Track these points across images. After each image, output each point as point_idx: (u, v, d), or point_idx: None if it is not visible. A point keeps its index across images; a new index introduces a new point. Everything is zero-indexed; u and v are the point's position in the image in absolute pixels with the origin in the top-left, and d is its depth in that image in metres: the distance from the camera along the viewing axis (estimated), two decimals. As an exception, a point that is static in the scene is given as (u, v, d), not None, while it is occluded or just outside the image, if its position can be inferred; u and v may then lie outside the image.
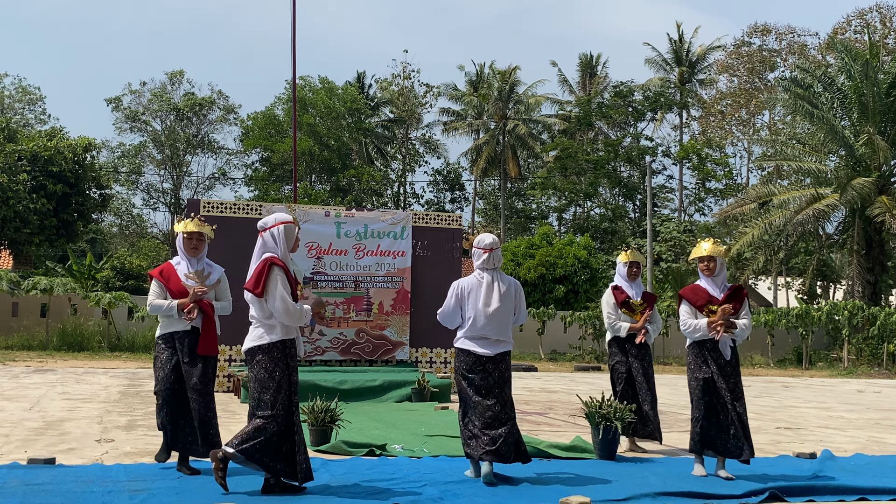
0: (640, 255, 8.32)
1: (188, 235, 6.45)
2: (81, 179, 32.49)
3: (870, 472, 6.91)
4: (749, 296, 40.16)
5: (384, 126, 52.35)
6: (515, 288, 6.50)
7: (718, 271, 6.76)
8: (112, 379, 15.30)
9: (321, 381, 11.35)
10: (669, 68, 51.82)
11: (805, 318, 27.13)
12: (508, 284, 6.46)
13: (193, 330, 6.26)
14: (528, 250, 33.32)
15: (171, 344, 6.28)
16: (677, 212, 48.91)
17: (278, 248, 5.81)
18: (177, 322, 6.26)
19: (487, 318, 6.28)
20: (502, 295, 6.37)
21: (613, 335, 8.02)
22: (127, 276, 37.66)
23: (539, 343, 28.29)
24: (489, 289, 6.36)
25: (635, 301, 7.97)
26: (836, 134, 30.70)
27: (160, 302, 6.31)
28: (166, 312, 6.26)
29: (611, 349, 8.09)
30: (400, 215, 13.51)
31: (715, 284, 6.72)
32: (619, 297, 7.98)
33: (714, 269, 6.73)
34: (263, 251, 5.79)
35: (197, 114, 49.51)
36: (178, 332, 6.26)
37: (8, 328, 25.80)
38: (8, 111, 47.43)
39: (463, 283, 6.41)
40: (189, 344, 6.22)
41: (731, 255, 33.66)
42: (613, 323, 7.99)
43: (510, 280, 6.52)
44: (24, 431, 8.34)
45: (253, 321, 5.68)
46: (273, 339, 5.59)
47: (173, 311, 6.24)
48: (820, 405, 14.00)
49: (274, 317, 5.57)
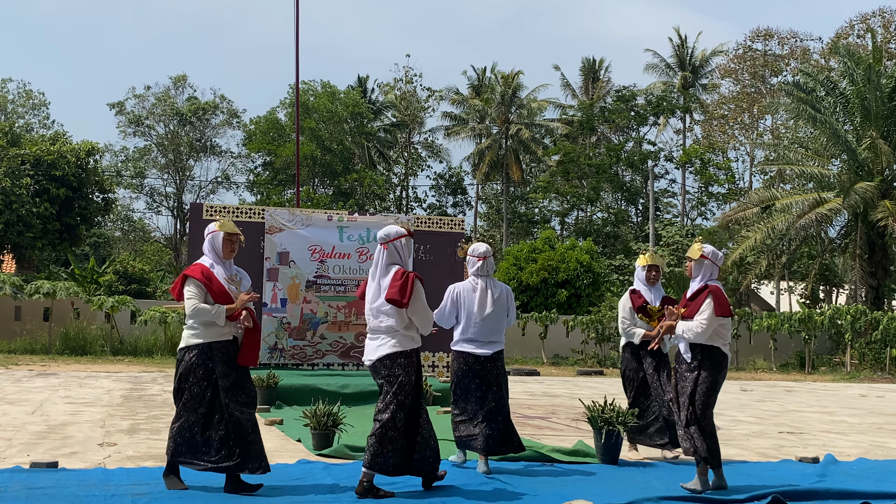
0: (661, 258, 8.09)
1: (229, 237, 5.98)
2: (84, 183, 32.53)
3: (873, 477, 6.91)
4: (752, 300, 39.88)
5: (386, 130, 52.39)
6: (507, 293, 7.06)
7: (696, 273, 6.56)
8: (115, 383, 15.31)
9: (324, 385, 11.35)
10: (672, 72, 51.84)
11: (808, 323, 27.10)
12: (500, 290, 7.01)
13: (234, 340, 5.78)
14: (531, 254, 33.31)
15: (208, 356, 5.69)
16: (680, 216, 48.88)
17: (402, 258, 6.03)
18: (219, 330, 5.70)
19: (482, 321, 6.85)
20: (495, 300, 6.92)
21: (627, 340, 7.84)
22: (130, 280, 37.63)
23: (541, 347, 28.26)
24: (483, 294, 6.90)
25: (653, 307, 7.67)
26: (838, 138, 30.68)
27: (206, 307, 5.68)
28: (213, 318, 5.67)
29: (624, 354, 7.90)
30: (402, 219, 13.52)
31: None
32: (637, 302, 7.72)
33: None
34: (390, 262, 5.97)
35: (200, 118, 49.61)
36: (219, 343, 5.71)
37: (11, 332, 25.80)
38: (12, 116, 47.53)
39: (458, 288, 6.94)
40: (230, 354, 5.72)
41: (734, 259, 33.65)
42: (627, 328, 7.79)
43: (502, 286, 7.08)
44: (26, 435, 8.35)
45: (386, 331, 5.86)
46: (414, 346, 5.91)
47: (221, 318, 5.67)
48: (823, 409, 13.98)
49: (413, 326, 5.87)
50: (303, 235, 12.94)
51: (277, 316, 12.76)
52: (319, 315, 12.68)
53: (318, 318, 12.71)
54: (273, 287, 12.75)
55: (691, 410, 6.21)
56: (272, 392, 11.10)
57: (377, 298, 5.89)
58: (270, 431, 9.03)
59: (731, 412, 12.93)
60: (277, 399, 11.11)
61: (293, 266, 12.87)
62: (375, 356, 5.84)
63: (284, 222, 12.96)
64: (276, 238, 12.90)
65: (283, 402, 11.07)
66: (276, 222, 12.96)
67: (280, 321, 12.76)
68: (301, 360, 12.80)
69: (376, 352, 5.84)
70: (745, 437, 9.84)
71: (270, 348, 12.72)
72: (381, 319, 5.85)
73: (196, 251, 13.04)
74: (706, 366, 6.24)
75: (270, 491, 5.72)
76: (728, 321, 6.32)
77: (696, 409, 6.21)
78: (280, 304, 12.81)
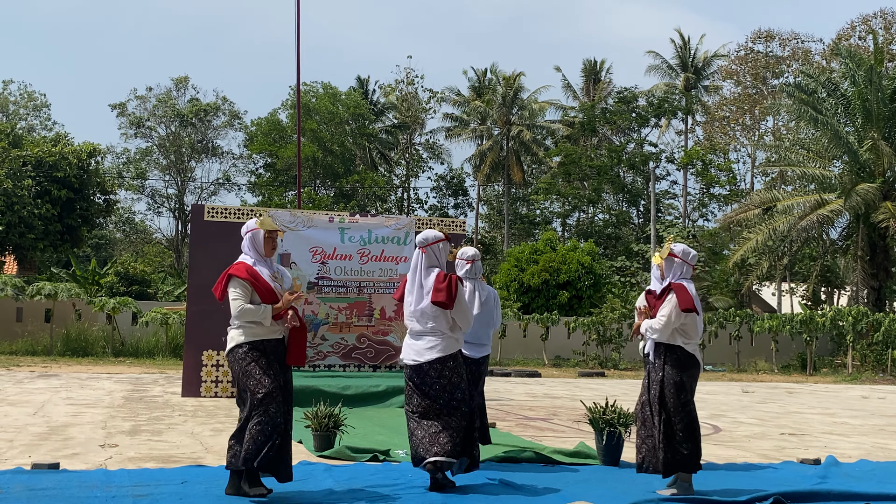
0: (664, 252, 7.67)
1: (270, 234, 5.87)
2: (86, 185, 32.55)
3: (874, 479, 6.90)
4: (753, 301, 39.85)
5: (388, 131, 52.41)
6: (494, 297, 7.35)
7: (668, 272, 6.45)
8: (116, 384, 15.32)
9: (325, 387, 11.36)
10: (674, 74, 51.83)
11: (809, 324, 27.08)
12: (488, 293, 7.30)
13: (282, 339, 5.64)
14: (532, 256, 33.30)
15: (262, 352, 5.50)
16: (681, 218, 48.87)
17: (440, 262, 6.22)
18: (267, 330, 5.55)
19: None
20: (482, 302, 7.20)
21: None
22: (131, 281, 37.63)
23: (543, 349, 28.26)
24: (471, 296, 7.12)
25: None
26: (840, 139, 30.67)
27: (251, 307, 5.51)
28: (259, 318, 5.51)
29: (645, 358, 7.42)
30: (403, 221, 13.52)
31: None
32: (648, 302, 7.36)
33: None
34: (429, 265, 6.16)
35: (202, 119, 49.65)
36: (270, 341, 5.55)
37: (12, 333, 25.83)
38: (13, 117, 47.58)
39: None
40: (279, 354, 5.59)
41: (735, 260, 33.64)
42: None
43: (489, 289, 7.34)
44: (28, 436, 8.35)
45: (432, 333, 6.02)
46: (458, 347, 6.13)
47: (267, 318, 5.52)
48: (824, 411, 13.97)
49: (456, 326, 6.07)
50: (304, 237, 12.94)
51: (279, 317, 12.75)
52: (321, 316, 12.68)
53: (320, 320, 12.71)
54: (274, 288, 12.75)
55: (664, 416, 5.95)
56: (273, 393, 11.09)
57: (421, 301, 6.04)
58: (272, 433, 9.03)
59: (732, 413, 12.93)
60: (279, 400, 11.10)
61: (294, 267, 12.87)
62: (423, 359, 6.00)
63: (286, 224, 12.97)
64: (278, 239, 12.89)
65: (284, 404, 11.07)
66: (278, 224, 12.97)
67: (281, 322, 12.75)
68: (302, 361, 12.80)
69: (423, 355, 6.01)
70: (746, 438, 9.84)
71: (272, 350, 12.71)
72: (426, 321, 6.03)
73: (197, 252, 13.08)
74: (668, 365, 6.04)
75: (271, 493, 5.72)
76: (693, 320, 6.06)
77: (668, 412, 5.96)
78: (281, 306, 12.80)
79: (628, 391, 16.24)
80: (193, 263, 13.04)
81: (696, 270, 6.67)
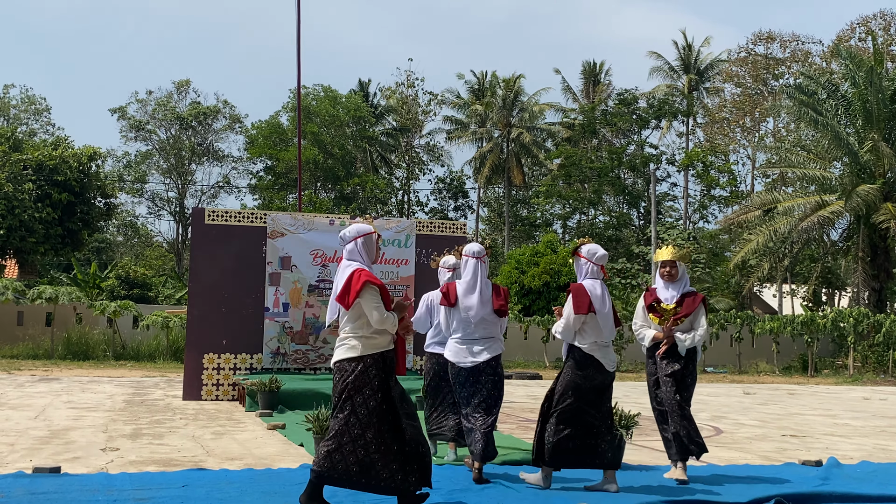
0: (680, 251, 7.01)
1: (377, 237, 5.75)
2: (86, 188, 32.58)
3: (876, 480, 6.89)
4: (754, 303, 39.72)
5: (388, 134, 52.43)
6: None
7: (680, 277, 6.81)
8: (117, 388, 15.32)
9: (326, 390, 11.33)
10: (676, 76, 51.84)
11: (810, 326, 27.07)
12: None
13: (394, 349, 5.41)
14: (533, 258, 33.31)
15: (381, 367, 5.27)
16: (682, 219, 48.86)
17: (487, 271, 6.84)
18: (388, 340, 5.32)
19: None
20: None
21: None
22: (132, 284, 37.63)
23: (543, 351, 28.27)
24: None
25: (666, 305, 6.84)
26: (840, 141, 30.67)
27: (392, 314, 5.30)
28: (389, 325, 5.27)
29: (647, 358, 7.14)
30: (404, 223, 13.53)
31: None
32: (647, 300, 7.00)
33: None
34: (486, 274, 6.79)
35: (202, 122, 49.67)
36: (389, 352, 5.32)
37: (13, 337, 25.83)
38: (14, 121, 47.62)
39: (432, 296, 7.48)
40: (391, 364, 5.34)
41: (736, 262, 33.64)
42: (637, 330, 7.12)
43: None
44: (29, 440, 8.35)
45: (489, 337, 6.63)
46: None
47: (395, 326, 5.30)
48: (825, 412, 13.96)
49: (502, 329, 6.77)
50: (305, 240, 12.96)
51: (280, 320, 12.78)
52: (322, 319, 12.68)
53: (321, 323, 12.71)
54: (275, 291, 12.78)
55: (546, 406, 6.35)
56: (274, 397, 11.10)
57: (484, 308, 6.59)
58: (273, 436, 9.04)
59: (733, 415, 12.92)
60: (280, 403, 11.11)
61: (295, 270, 12.89)
62: (481, 359, 6.53)
63: (286, 227, 12.98)
64: (279, 243, 12.92)
65: (285, 407, 11.07)
66: (279, 227, 12.98)
67: (282, 325, 12.77)
68: (303, 364, 12.81)
69: (479, 356, 6.54)
70: (747, 440, 9.83)
71: (272, 353, 12.73)
72: (486, 327, 6.60)
73: (198, 255, 13.08)
74: (567, 365, 6.43)
75: (273, 496, 5.73)
76: (593, 321, 6.32)
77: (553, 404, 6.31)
78: (282, 309, 12.83)
79: (629, 393, 16.23)
80: (194, 267, 13.05)
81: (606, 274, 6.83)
